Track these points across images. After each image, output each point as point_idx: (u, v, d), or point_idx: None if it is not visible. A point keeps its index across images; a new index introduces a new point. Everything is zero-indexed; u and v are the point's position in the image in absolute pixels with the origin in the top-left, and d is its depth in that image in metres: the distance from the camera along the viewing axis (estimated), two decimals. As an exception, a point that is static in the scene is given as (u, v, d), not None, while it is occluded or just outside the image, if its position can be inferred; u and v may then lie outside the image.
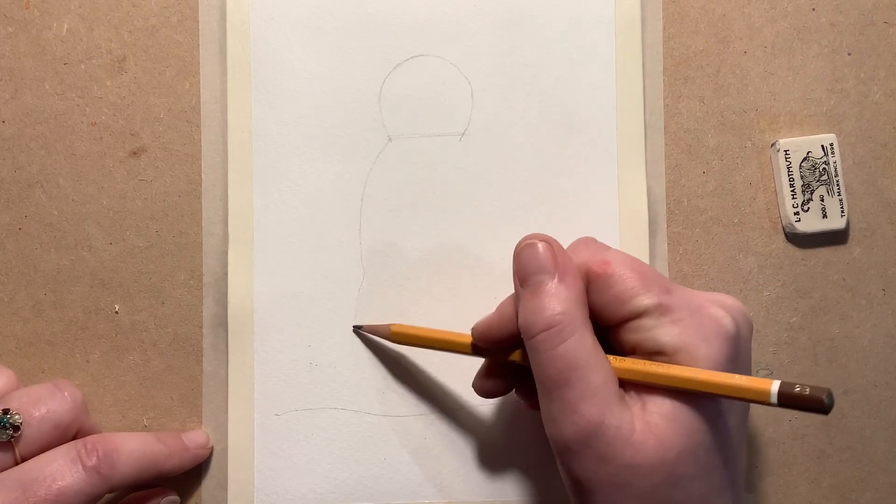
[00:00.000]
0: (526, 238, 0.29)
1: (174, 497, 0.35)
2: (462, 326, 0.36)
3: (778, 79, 0.36)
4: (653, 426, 0.27)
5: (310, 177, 0.36)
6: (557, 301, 0.28)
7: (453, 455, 0.35)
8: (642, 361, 0.28)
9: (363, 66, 0.36)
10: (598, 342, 0.28)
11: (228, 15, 0.36)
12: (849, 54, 0.36)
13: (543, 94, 0.36)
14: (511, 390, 0.33)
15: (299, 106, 0.36)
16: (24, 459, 0.30)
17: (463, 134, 0.36)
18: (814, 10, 0.36)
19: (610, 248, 0.31)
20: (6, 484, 0.29)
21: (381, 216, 0.36)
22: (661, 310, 0.28)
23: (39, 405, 0.31)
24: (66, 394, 0.32)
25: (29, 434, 0.30)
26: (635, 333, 0.28)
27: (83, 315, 0.36)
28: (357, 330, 0.36)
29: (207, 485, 0.36)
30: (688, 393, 0.27)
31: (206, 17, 0.36)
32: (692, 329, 0.27)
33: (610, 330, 0.29)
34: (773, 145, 0.36)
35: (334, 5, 0.36)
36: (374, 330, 0.35)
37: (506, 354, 0.31)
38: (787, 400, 0.25)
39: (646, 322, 0.28)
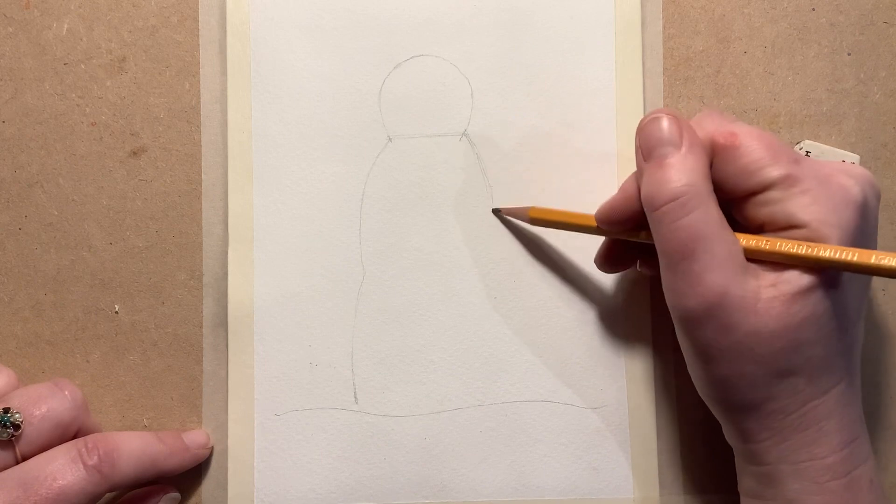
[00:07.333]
0: (651, 113, 0.29)
1: (175, 494, 0.35)
2: (462, 326, 0.36)
3: (778, 79, 0.36)
4: (780, 294, 0.27)
5: (310, 177, 0.36)
6: (682, 172, 0.28)
7: (453, 455, 0.35)
8: (771, 239, 0.28)
9: (363, 66, 0.36)
10: (723, 215, 0.28)
11: (228, 15, 0.36)
12: (849, 54, 0.36)
13: (543, 94, 0.36)
14: (634, 265, 0.34)
15: (299, 106, 0.36)
16: (24, 458, 0.30)
17: (463, 134, 0.36)
18: (814, 10, 0.36)
19: (737, 119, 0.30)
20: (7, 483, 0.29)
21: (381, 216, 0.36)
22: (789, 181, 0.27)
23: (40, 404, 0.31)
24: (66, 393, 0.32)
25: (29, 433, 0.30)
26: (764, 207, 0.28)
27: (83, 315, 0.36)
28: (496, 212, 0.36)
29: (207, 485, 0.36)
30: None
31: (206, 17, 0.36)
32: (822, 199, 0.27)
33: (735, 205, 0.29)
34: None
35: (334, 5, 0.36)
36: (514, 213, 0.35)
37: (632, 234, 0.31)
38: None
39: (774, 194, 0.28)
